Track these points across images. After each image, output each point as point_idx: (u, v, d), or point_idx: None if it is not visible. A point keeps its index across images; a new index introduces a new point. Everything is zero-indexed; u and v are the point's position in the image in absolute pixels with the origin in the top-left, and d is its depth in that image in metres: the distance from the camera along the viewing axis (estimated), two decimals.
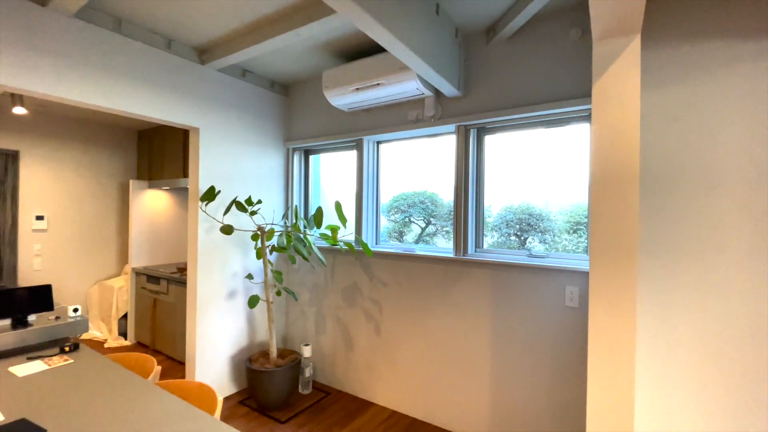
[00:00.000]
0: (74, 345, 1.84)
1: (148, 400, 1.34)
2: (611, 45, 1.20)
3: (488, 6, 1.98)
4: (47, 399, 1.34)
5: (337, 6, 1.40)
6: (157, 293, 3.52)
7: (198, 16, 2.09)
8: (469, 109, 2.31)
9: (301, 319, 3.11)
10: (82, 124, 4.05)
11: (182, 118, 2.42)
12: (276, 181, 3.13)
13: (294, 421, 2.42)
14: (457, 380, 2.34)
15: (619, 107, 1.19)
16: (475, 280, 2.28)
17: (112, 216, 4.28)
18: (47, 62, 1.85)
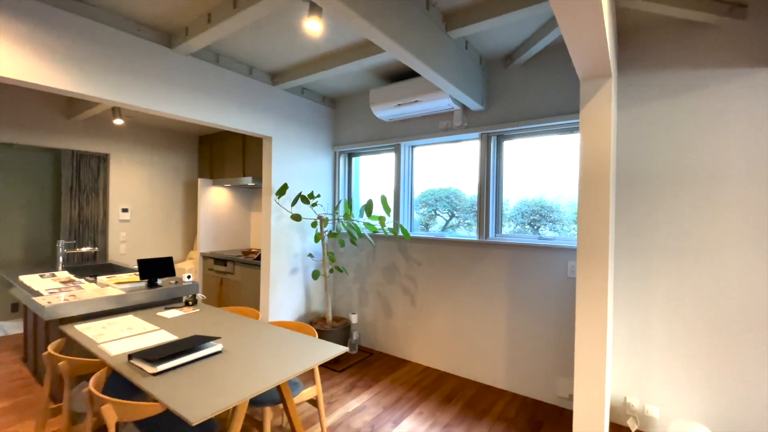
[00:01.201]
0: (194, 300, 2.48)
1: (270, 329, 1.96)
2: (591, 84, 1.73)
3: (506, 41, 2.52)
4: (197, 328, 1.98)
5: (388, 50, 1.97)
6: (224, 273, 4.19)
7: (274, 51, 2.70)
8: (490, 120, 2.85)
9: (346, 295, 3.73)
10: (155, 130, 4.78)
11: (260, 128, 3.05)
12: (325, 179, 3.75)
13: (347, 371, 3.03)
14: (479, 340, 2.90)
15: (597, 128, 1.72)
16: (495, 259, 2.83)
17: (178, 209, 5.00)
18: (168, 88, 2.49)
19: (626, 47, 2.35)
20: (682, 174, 2.18)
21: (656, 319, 2.24)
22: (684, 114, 2.18)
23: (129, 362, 1.52)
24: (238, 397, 1.28)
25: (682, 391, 2.17)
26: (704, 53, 2.13)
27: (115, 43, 2.21)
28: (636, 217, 2.30)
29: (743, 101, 2.03)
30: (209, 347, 1.63)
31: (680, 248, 2.18)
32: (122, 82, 2.23)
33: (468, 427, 2.29)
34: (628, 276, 2.33)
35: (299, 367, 1.52)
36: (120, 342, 1.74)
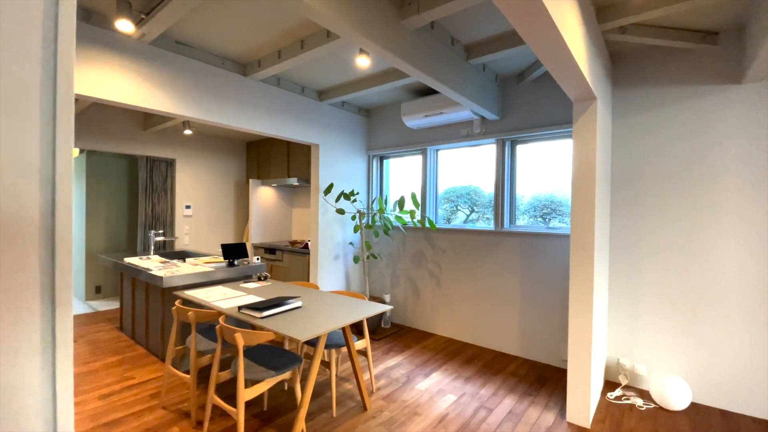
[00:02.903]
0: (265, 276, 3.11)
1: (330, 295, 2.55)
2: (580, 105, 2.22)
3: (518, 62, 3.02)
4: (276, 294, 2.59)
5: (418, 78, 2.51)
6: (274, 261, 4.86)
7: (323, 75, 3.29)
8: (505, 127, 3.36)
9: (380, 278, 4.31)
10: (212, 138, 5.50)
11: (309, 137, 3.66)
12: (361, 179, 4.33)
13: (383, 340, 3.61)
14: (496, 314, 3.41)
15: (585, 140, 2.22)
16: (509, 246, 3.34)
17: (230, 206, 5.72)
18: (240, 107, 3.11)
19: (619, 68, 2.81)
20: (667, 172, 2.63)
21: (645, 293, 2.71)
22: (668, 123, 2.63)
23: (240, 311, 2.13)
24: (322, 330, 1.86)
25: (665, 351, 2.63)
26: (684, 73, 2.58)
27: (204, 73, 2.85)
28: (629, 209, 2.77)
29: (718, 112, 2.47)
30: (294, 303, 2.23)
31: (666, 231, 2.63)
32: (207, 104, 2.86)
33: (485, 380, 2.83)
34: (622, 259, 2.80)
35: (357, 316, 2.10)
36: (224, 301, 2.37)
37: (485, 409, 2.42)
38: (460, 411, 2.38)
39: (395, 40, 2.14)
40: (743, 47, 2.35)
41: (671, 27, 2.40)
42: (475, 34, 2.57)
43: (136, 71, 2.47)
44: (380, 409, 2.39)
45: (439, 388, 2.69)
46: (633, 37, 2.38)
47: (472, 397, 2.56)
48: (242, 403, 1.83)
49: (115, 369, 2.92)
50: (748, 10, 2.18)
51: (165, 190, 5.08)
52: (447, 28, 2.50)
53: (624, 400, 2.55)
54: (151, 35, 2.40)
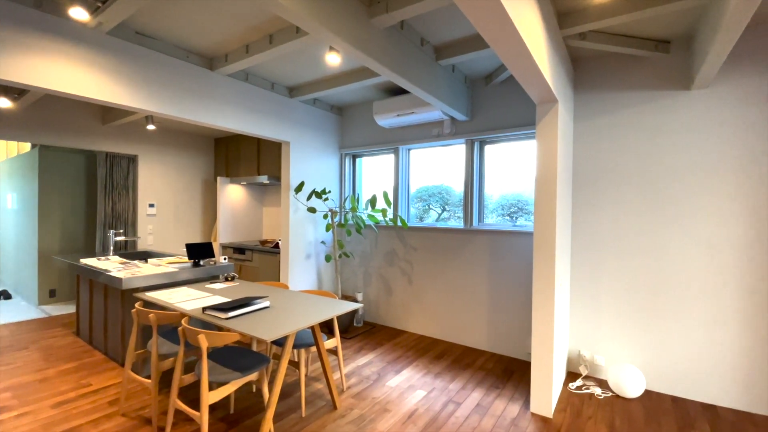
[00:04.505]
0: (233, 276, 3.03)
1: (300, 294, 2.53)
2: (543, 107, 2.31)
3: (486, 65, 3.09)
4: (243, 294, 2.54)
5: (389, 77, 2.53)
6: (243, 261, 4.74)
7: (293, 71, 3.25)
8: (474, 128, 3.43)
9: (352, 277, 4.30)
10: (177, 134, 5.30)
11: (280, 134, 3.60)
12: (333, 177, 4.31)
13: (355, 339, 3.61)
14: (465, 310, 3.49)
15: (547, 142, 2.31)
16: (478, 243, 3.42)
17: (197, 204, 5.53)
18: (207, 102, 3.02)
19: (580, 73, 2.94)
20: (624, 172, 2.78)
21: (604, 288, 2.85)
22: (625, 127, 2.77)
23: (204, 313, 2.07)
24: (289, 329, 1.84)
25: (622, 343, 2.78)
26: (639, 79, 2.73)
27: (168, 66, 2.74)
28: (590, 207, 2.90)
29: (670, 117, 2.63)
30: (261, 303, 2.19)
31: (624, 229, 2.78)
32: (172, 98, 2.76)
33: (455, 375, 2.88)
34: (583, 256, 2.93)
35: (326, 315, 2.09)
36: (188, 302, 2.30)
37: (454, 403, 2.47)
38: (429, 406, 2.42)
39: (364, 39, 2.14)
40: (692, 56, 2.51)
41: (627, 35, 2.53)
42: (444, 35, 2.61)
43: (92, 62, 2.34)
44: (350, 407, 2.39)
45: (409, 384, 2.72)
46: (592, 44, 2.49)
47: (441, 392, 2.60)
48: (206, 406, 1.78)
49: (71, 376, 2.77)
50: (696, 21, 2.33)
51: (126, 188, 4.86)
52: (417, 28, 2.52)
53: (584, 389, 2.67)
54: (108, 24, 2.29)
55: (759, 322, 2.37)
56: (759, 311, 2.37)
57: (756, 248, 2.37)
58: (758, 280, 2.37)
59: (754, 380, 2.39)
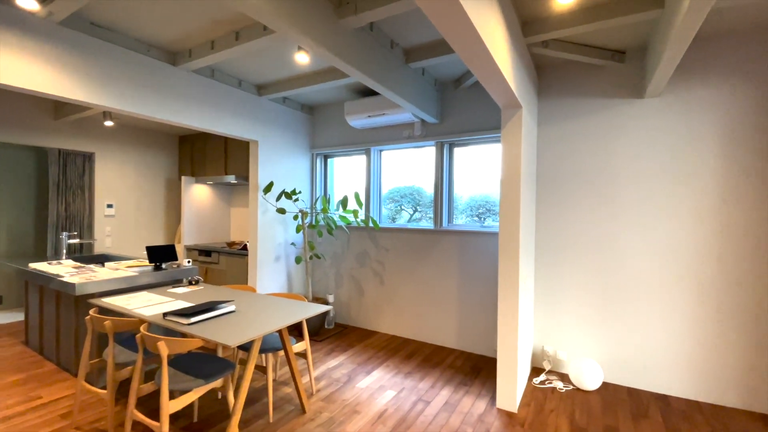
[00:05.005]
0: (197, 280, 2.93)
1: (268, 297, 2.47)
2: (508, 112, 2.38)
3: (455, 69, 3.15)
4: (208, 299, 2.46)
5: (359, 79, 2.53)
6: (209, 263, 4.59)
7: (261, 69, 3.18)
8: (443, 131, 3.49)
9: (324, 278, 4.26)
10: (138, 131, 5.06)
11: (248, 133, 3.51)
12: (304, 177, 4.25)
13: (326, 341, 3.58)
14: (435, 310, 3.54)
15: (511, 146, 2.38)
16: (448, 244, 3.47)
17: (159, 205, 5.30)
18: (170, 99, 2.91)
19: (543, 80, 3.05)
20: (584, 175, 2.91)
21: (566, 285, 2.97)
22: (584, 132, 2.90)
23: (165, 319, 1.99)
24: (257, 333, 1.80)
25: (582, 338, 2.91)
26: (598, 86, 2.86)
27: (127, 60, 2.62)
28: (552, 208, 3.02)
29: (625, 123, 2.77)
30: (226, 307, 2.13)
31: (584, 230, 2.91)
32: (131, 93, 2.63)
33: (424, 374, 2.92)
34: (546, 255, 3.04)
35: (295, 318, 2.06)
36: (148, 308, 2.20)
37: (423, 401, 2.50)
38: (399, 405, 2.44)
39: (333, 39, 2.13)
40: (644, 66, 2.66)
41: (586, 44, 2.65)
42: (413, 39, 2.64)
43: (41, 54, 2.19)
44: (319, 410, 2.36)
45: (379, 384, 2.72)
46: (554, 52, 2.59)
47: (411, 391, 2.63)
48: (166, 415, 1.71)
49: (19, 388, 2.58)
50: (648, 34, 2.48)
51: (81, 188, 4.58)
52: (386, 30, 2.54)
53: (547, 384, 2.78)
54: (60, 14, 2.15)
55: (706, 316, 2.55)
56: (706, 306, 2.55)
57: (704, 246, 2.55)
58: (705, 276, 2.55)
59: (702, 371, 2.56)
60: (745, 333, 2.45)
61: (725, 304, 2.50)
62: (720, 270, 2.51)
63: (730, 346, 2.49)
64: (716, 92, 2.50)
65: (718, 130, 2.50)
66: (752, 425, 2.27)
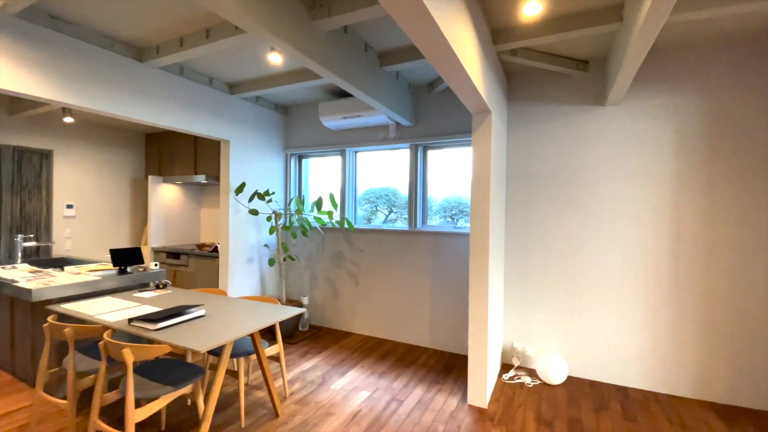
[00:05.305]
0: (165, 284, 2.84)
1: (239, 301, 2.44)
2: (478, 117, 2.45)
3: (428, 73, 3.20)
4: (176, 303, 2.40)
5: (333, 81, 2.53)
6: (178, 266, 4.45)
7: (233, 67, 3.12)
8: (417, 134, 3.54)
9: (298, 280, 4.22)
10: (101, 128, 4.84)
11: (219, 133, 3.44)
12: (278, 178, 4.20)
13: (300, 343, 3.55)
14: (410, 310, 3.58)
15: (481, 149, 2.46)
16: (422, 245, 3.53)
17: (124, 205, 5.09)
18: (137, 97, 2.81)
19: (513, 86, 3.16)
20: (550, 178, 3.03)
21: (533, 284, 3.08)
22: (551, 137, 3.02)
23: (130, 324, 1.93)
24: (228, 338, 1.78)
25: (549, 334, 3.03)
26: (563, 93, 2.99)
27: (89, 55, 2.50)
28: (521, 209, 3.13)
29: (588, 129, 2.91)
30: (195, 311, 2.08)
31: (550, 230, 3.03)
32: (93, 90, 2.52)
33: (398, 373, 2.95)
34: (515, 255, 3.15)
35: (268, 321, 2.05)
36: (112, 314, 2.11)
37: (396, 401, 2.53)
38: (373, 405, 2.46)
39: (306, 41, 2.12)
40: (606, 75, 2.80)
41: (553, 53, 2.77)
42: (387, 43, 2.67)
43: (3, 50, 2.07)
44: (293, 413, 2.35)
45: (354, 385, 2.73)
46: (522, 60, 2.69)
47: (385, 391, 2.66)
48: (131, 425, 1.65)
49: None
50: (608, 45, 2.61)
51: (38, 187, 4.33)
52: (360, 34, 2.55)
53: (516, 379, 2.88)
54: (16, 6, 2.03)
55: (661, 311, 2.72)
56: (661, 302, 2.72)
57: (659, 246, 2.72)
58: (661, 274, 2.72)
59: (658, 364, 2.73)
60: (698, 328, 2.63)
61: (679, 301, 2.67)
62: (674, 268, 2.68)
63: (684, 340, 2.66)
64: (670, 101, 2.68)
65: (672, 136, 2.68)
66: (704, 414, 2.45)
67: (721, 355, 2.57)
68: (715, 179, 2.58)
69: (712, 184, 2.58)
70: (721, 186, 2.56)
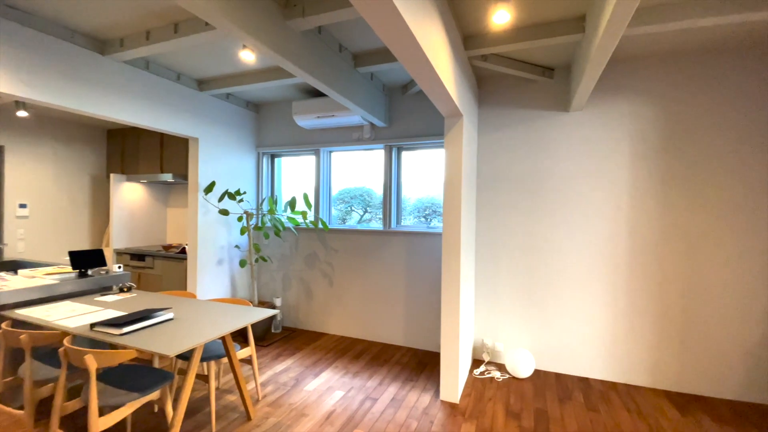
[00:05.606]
0: (129, 287, 2.73)
1: (210, 303, 2.38)
2: (450, 120, 2.52)
3: (402, 75, 3.25)
4: (142, 307, 2.32)
5: (307, 81, 2.53)
6: (143, 268, 4.27)
7: (202, 63, 3.05)
8: (392, 135, 3.58)
9: (270, 282, 4.16)
10: (58, 122, 4.57)
11: (187, 130, 3.33)
12: (250, 177, 4.12)
13: (272, 345, 3.50)
14: (384, 309, 3.62)
15: (453, 152, 2.52)
16: (396, 244, 3.57)
17: (84, 205, 4.83)
18: (100, 92, 2.69)
19: (483, 90, 3.25)
20: (518, 179, 3.15)
21: (502, 282, 3.19)
22: (519, 140, 3.14)
23: (93, 330, 1.84)
24: (198, 341, 1.74)
25: (517, 329, 3.15)
26: (531, 99, 3.12)
27: (45, 46, 2.37)
28: (491, 209, 3.23)
29: (553, 133, 3.04)
30: (163, 315, 2.02)
31: (517, 230, 3.15)
32: (47, 83, 2.39)
33: (373, 372, 2.98)
34: (486, 254, 3.25)
35: (238, 324, 2.02)
36: (72, 319, 2.02)
37: (371, 399, 2.56)
38: (347, 405, 2.47)
39: (279, 40, 2.11)
40: (569, 83, 2.95)
41: (521, 60, 2.88)
42: (362, 44, 2.69)
43: None
44: (265, 416, 2.32)
45: (328, 386, 2.73)
46: (492, 65, 2.78)
47: (359, 390, 2.67)
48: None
49: None
50: (572, 54, 2.75)
51: None
52: (335, 34, 2.55)
53: (486, 374, 2.97)
54: None
55: (619, 306, 2.89)
56: (619, 298, 2.89)
57: (617, 243, 2.89)
58: (619, 271, 2.88)
59: (617, 355, 2.90)
60: (653, 320, 2.82)
61: (635, 296, 2.85)
62: (630, 265, 2.86)
63: (640, 332, 2.84)
64: (628, 108, 2.85)
65: (630, 141, 2.85)
66: (659, 401, 2.62)
67: (672, 346, 2.77)
68: (667, 180, 2.77)
69: (664, 185, 2.77)
70: (673, 186, 2.76)
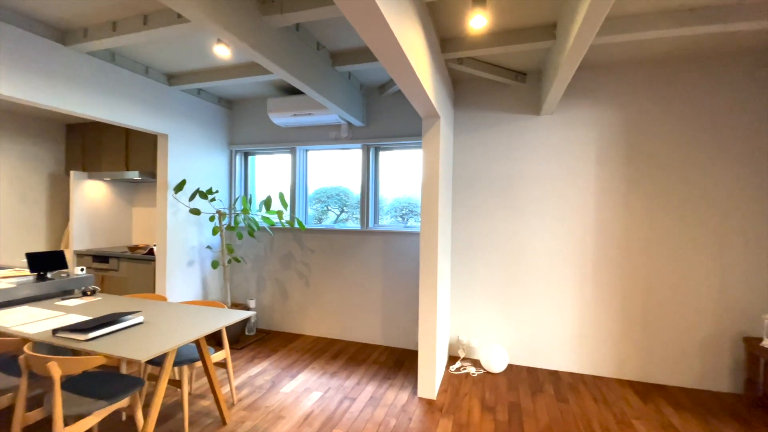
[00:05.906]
0: (93, 290, 2.59)
1: (182, 306, 2.30)
2: (428, 120, 2.56)
3: (380, 76, 3.26)
4: (108, 311, 2.21)
5: (284, 78, 2.50)
6: (106, 271, 4.06)
7: (172, 57, 2.94)
8: (369, 134, 3.58)
9: (244, 283, 4.06)
10: (12, 116, 4.26)
11: (156, 126, 3.20)
12: (222, 176, 4.01)
13: (247, 348, 3.42)
14: (361, 308, 3.62)
15: (430, 152, 2.57)
16: (373, 244, 3.58)
17: (40, 204, 4.53)
18: (63, 85, 2.54)
19: (459, 93, 3.32)
20: (492, 180, 3.24)
21: (477, 280, 3.27)
22: (492, 142, 3.23)
23: (55, 336, 1.74)
24: (170, 345, 1.68)
25: (491, 326, 3.24)
26: (503, 102, 3.21)
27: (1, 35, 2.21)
28: (466, 209, 3.30)
29: (525, 136, 3.15)
30: (132, 318, 1.93)
31: (491, 230, 3.23)
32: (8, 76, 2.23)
33: (350, 372, 2.97)
34: (462, 252, 3.31)
35: (213, 326, 1.96)
36: (31, 324, 1.89)
37: (349, 399, 2.55)
38: (325, 406, 2.46)
39: (255, 35, 2.07)
40: (541, 87, 3.06)
41: (495, 64, 2.96)
42: (340, 43, 2.68)
43: None
44: (241, 420, 2.27)
45: (305, 387, 2.71)
46: (468, 69, 2.85)
47: (337, 390, 2.66)
48: None
49: None
50: (543, 60, 2.86)
51: None
52: (313, 32, 2.53)
53: (462, 370, 3.04)
54: None
55: (585, 301, 3.03)
56: (585, 293, 3.03)
57: (584, 242, 3.02)
58: (586, 269, 3.02)
59: (584, 348, 3.04)
60: (617, 315, 2.97)
61: (600, 292, 3.00)
62: (596, 263, 3.00)
63: (605, 326, 3.00)
64: (595, 113, 2.99)
65: (595, 143, 2.99)
66: (623, 390, 2.77)
67: (634, 339, 2.93)
68: (631, 180, 2.93)
69: (628, 185, 2.94)
70: (636, 186, 2.92)
